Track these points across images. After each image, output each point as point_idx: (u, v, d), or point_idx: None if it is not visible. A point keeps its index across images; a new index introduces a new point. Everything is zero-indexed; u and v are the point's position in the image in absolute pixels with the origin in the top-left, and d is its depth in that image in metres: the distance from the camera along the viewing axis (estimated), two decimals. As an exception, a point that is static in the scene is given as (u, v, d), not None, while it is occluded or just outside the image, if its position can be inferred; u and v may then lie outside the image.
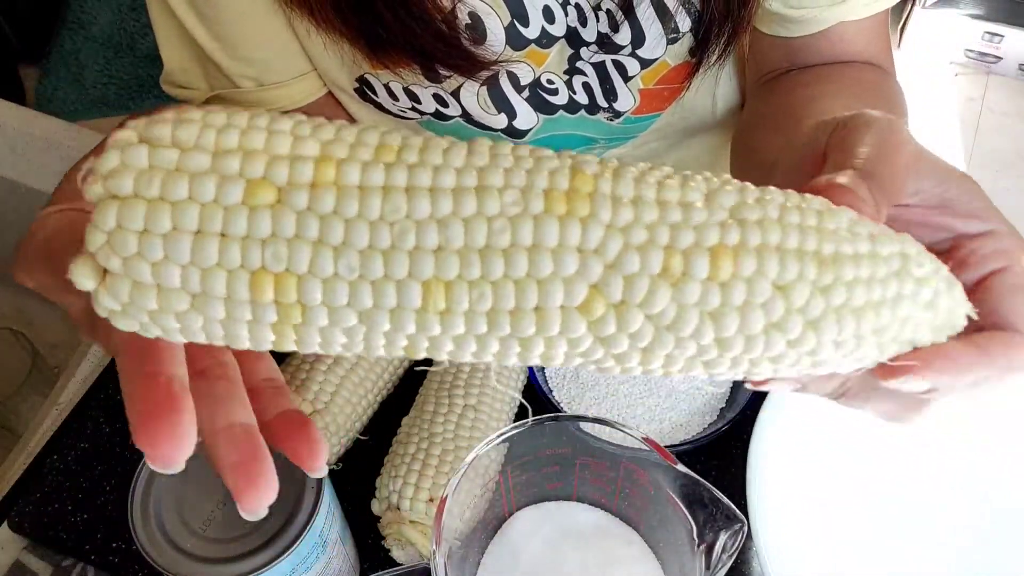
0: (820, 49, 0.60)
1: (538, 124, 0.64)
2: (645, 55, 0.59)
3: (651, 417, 0.61)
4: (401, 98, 0.60)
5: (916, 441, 0.60)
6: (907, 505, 0.59)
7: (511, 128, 0.63)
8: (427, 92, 0.60)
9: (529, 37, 0.57)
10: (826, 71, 0.60)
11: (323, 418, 0.56)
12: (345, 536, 0.52)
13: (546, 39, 0.58)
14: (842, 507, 0.58)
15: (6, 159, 0.82)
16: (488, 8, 0.55)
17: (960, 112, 2.10)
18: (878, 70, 0.61)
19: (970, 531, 0.58)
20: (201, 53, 0.58)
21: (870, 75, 0.60)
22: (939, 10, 2.11)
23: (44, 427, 0.64)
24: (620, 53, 0.59)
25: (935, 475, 0.59)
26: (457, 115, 0.62)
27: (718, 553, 0.42)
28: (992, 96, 2.14)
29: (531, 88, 0.61)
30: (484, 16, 0.55)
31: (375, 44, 0.54)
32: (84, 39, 2.17)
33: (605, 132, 0.66)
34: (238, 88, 0.60)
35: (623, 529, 0.52)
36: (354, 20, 0.52)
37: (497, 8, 0.55)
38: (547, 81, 0.61)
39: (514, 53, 0.58)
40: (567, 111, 0.63)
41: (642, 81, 0.61)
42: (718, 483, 0.45)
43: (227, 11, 0.56)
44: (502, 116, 0.62)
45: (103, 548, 0.58)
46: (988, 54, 2.14)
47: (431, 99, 0.60)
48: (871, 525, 0.58)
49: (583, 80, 0.61)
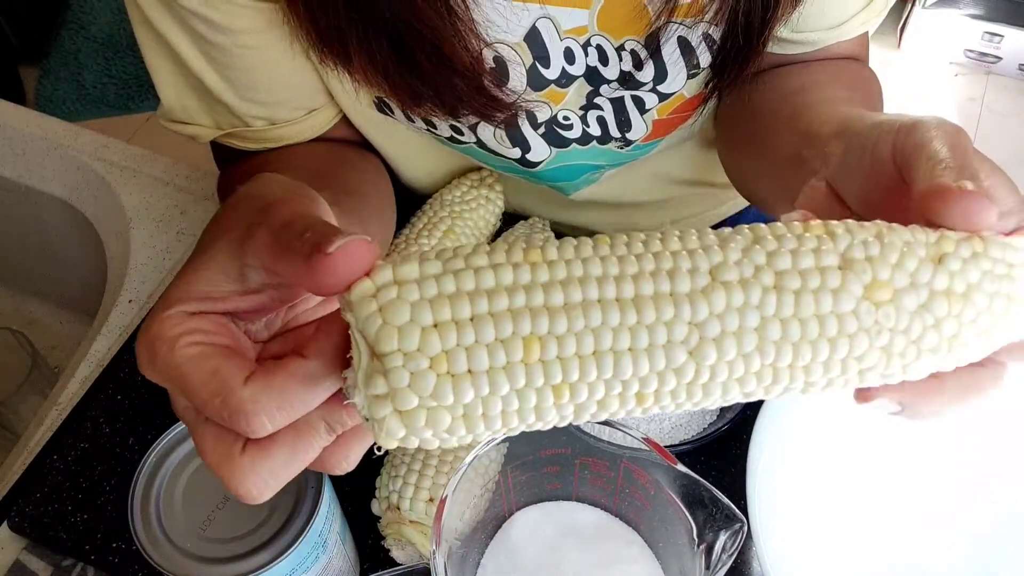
0: (810, 56, 0.62)
1: (551, 156, 0.64)
2: (665, 90, 0.59)
3: (651, 417, 0.61)
4: (417, 122, 0.61)
5: (917, 441, 0.60)
6: (907, 505, 0.59)
7: (523, 159, 0.64)
8: (444, 122, 0.60)
9: (549, 78, 0.57)
10: (813, 64, 0.62)
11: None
12: (345, 536, 0.52)
13: (565, 79, 0.58)
14: (842, 507, 0.58)
15: (6, 159, 0.82)
16: (512, 52, 0.55)
17: (960, 112, 2.10)
18: (857, 62, 0.63)
19: (971, 532, 0.58)
20: (204, 90, 0.57)
21: (850, 66, 0.62)
22: (939, 10, 2.11)
23: (44, 427, 0.64)
24: (641, 89, 0.59)
25: (936, 475, 0.59)
26: (471, 142, 0.62)
27: (718, 553, 0.42)
28: (992, 96, 2.14)
29: (547, 125, 0.61)
30: (508, 60, 0.55)
31: (413, 96, 0.54)
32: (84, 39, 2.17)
33: (613, 159, 0.67)
34: (249, 128, 0.59)
35: (623, 529, 0.52)
36: (395, 75, 0.52)
37: (520, 51, 0.55)
38: (563, 118, 0.61)
39: (534, 94, 0.58)
40: (579, 143, 0.64)
41: (657, 113, 0.61)
42: (718, 483, 0.45)
43: (243, 59, 0.55)
44: (516, 149, 0.63)
45: (103, 548, 0.58)
46: (988, 54, 2.14)
47: (447, 127, 0.61)
48: (871, 525, 0.58)
49: (598, 114, 0.62)
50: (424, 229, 0.67)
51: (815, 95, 0.56)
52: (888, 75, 2.16)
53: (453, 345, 0.26)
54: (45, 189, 0.81)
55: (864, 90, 0.60)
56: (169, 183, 0.78)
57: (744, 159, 0.63)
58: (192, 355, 0.30)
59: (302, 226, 0.29)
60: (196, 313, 0.31)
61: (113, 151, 0.80)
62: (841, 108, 0.51)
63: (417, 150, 0.69)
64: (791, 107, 0.55)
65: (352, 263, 0.27)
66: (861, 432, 0.60)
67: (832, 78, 0.60)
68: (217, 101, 0.58)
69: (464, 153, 0.66)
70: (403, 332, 0.26)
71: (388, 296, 0.27)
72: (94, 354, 0.67)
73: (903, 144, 0.33)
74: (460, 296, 0.27)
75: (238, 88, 0.57)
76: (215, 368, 0.29)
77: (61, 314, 0.92)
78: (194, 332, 0.30)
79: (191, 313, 0.31)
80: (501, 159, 0.64)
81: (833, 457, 0.59)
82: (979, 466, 0.59)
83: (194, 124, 0.60)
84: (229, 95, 0.57)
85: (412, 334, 0.26)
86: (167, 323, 0.30)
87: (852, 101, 0.54)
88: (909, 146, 0.33)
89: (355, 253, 0.27)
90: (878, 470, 0.59)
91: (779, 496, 0.55)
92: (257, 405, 0.28)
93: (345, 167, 0.63)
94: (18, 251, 0.89)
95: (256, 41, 0.54)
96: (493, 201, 0.71)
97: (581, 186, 0.71)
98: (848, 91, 0.57)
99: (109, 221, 0.78)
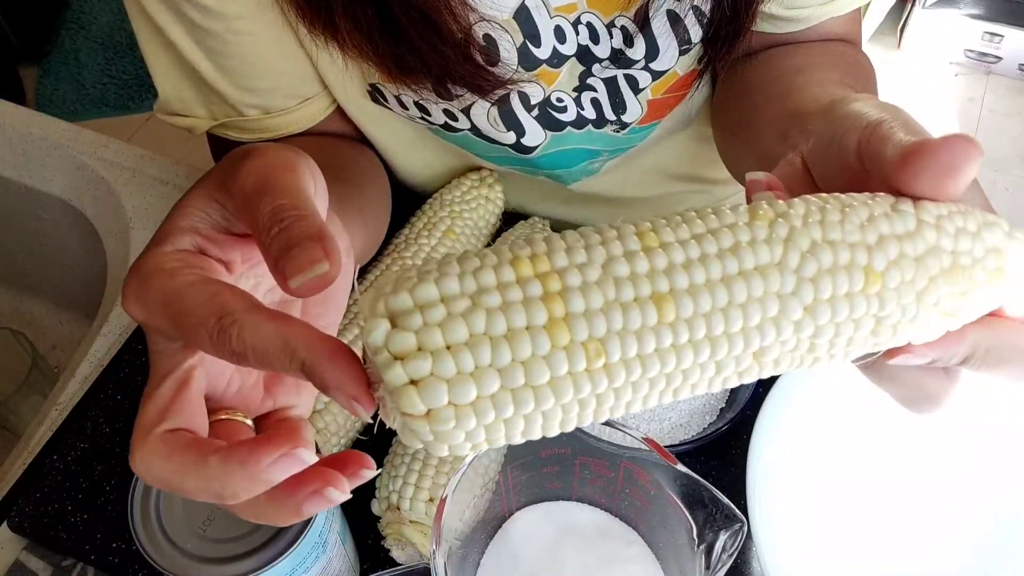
0: (802, 36, 0.61)
1: (546, 140, 0.64)
2: (657, 67, 0.59)
3: (651, 417, 0.61)
4: (411, 108, 0.60)
5: (917, 442, 0.60)
6: (907, 505, 0.59)
7: (519, 144, 0.64)
8: (437, 107, 0.60)
9: (541, 57, 0.57)
10: (806, 45, 0.61)
11: (323, 418, 0.56)
12: (345, 536, 0.52)
13: (557, 59, 0.58)
14: (842, 507, 0.58)
15: (6, 159, 0.82)
16: (502, 29, 0.55)
17: (960, 112, 2.10)
18: (851, 45, 0.63)
19: (971, 532, 0.58)
20: (199, 80, 0.58)
21: (846, 50, 0.62)
22: (939, 10, 2.11)
23: (44, 427, 0.64)
24: (633, 67, 0.59)
25: (935, 476, 0.59)
26: (466, 128, 0.62)
27: (718, 553, 0.42)
28: (992, 96, 2.14)
29: (541, 107, 0.61)
30: (498, 37, 0.55)
31: (399, 64, 0.54)
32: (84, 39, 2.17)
33: (609, 144, 0.67)
34: (243, 116, 0.60)
35: (623, 529, 0.52)
36: (381, 42, 0.52)
37: (511, 29, 0.55)
38: (556, 99, 0.61)
39: (526, 73, 0.58)
40: (574, 127, 0.64)
41: (651, 92, 0.61)
42: (718, 483, 0.45)
43: (237, 46, 0.55)
44: (511, 133, 0.63)
45: (103, 548, 0.58)
46: (988, 54, 2.14)
47: (441, 113, 0.60)
48: (871, 525, 0.58)
49: (592, 96, 0.61)
50: (424, 229, 0.67)
51: (807, 76, 0.56)
52: (888, 75, 2.16)
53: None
54: (45, 189, 0.81)
55: (857, 73, 0.60)
56: (169, 183, 0.78)
57: (738, 143, 0.63)
58: (192, 280, 0.29)
59: (272, 209, 0.29)
60: (193, 251, 0.31)
61: (113, 151, 0.80)
62: (831, 89, 0.51)
63: (411, 143, 0.69)
64: (783, 86, 0.55)
65: (313, 289, 0.27)
66: (861, 433, 0.60)
67: (824, 59, 0.60)
68: (212, 90, 0.58)
69: (459, 144, 0.66)
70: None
71: (421, 372, 0.26)
72: (94, 354, 0.67)
73: (868, 139, 0.34)
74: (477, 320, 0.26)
75: (232, 76, 0.57)
76: (216, 291, 0.29)
77: (61, 314, 0.92)
78: (193, 267, 0.30)
79: (187, 250, 0.30)
80: (496, 147, 0.64)
81: (833, 458, 0.59)
82: (979, 467, 0.59)
83: (190, 116, 0.60)
84: (223, 83, 0.57)
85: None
86: (164, 257, 0.30)
87: (843, 84, 0.54)
88: (875, 140, 0.33)
89: (314, 285, 0.27)
90: (878, 470, 0.59)
91: (779, 496, 0.55)
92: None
93: (342, 159, 0.63)
94: (18, 251, 0.89)
95: (248, 26, 0.54)
96: (493, 201, 0.71)
97: (580, 176, 0.71)
98: (841, 73, 0.57)
99: (109, 221, 0.78)
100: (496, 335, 0.26)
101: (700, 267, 0.27)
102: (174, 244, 0.31)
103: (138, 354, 0.67)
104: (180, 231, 0.31)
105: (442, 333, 0.25)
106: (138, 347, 0.67)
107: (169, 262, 0.30)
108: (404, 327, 0.25)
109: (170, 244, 0.30)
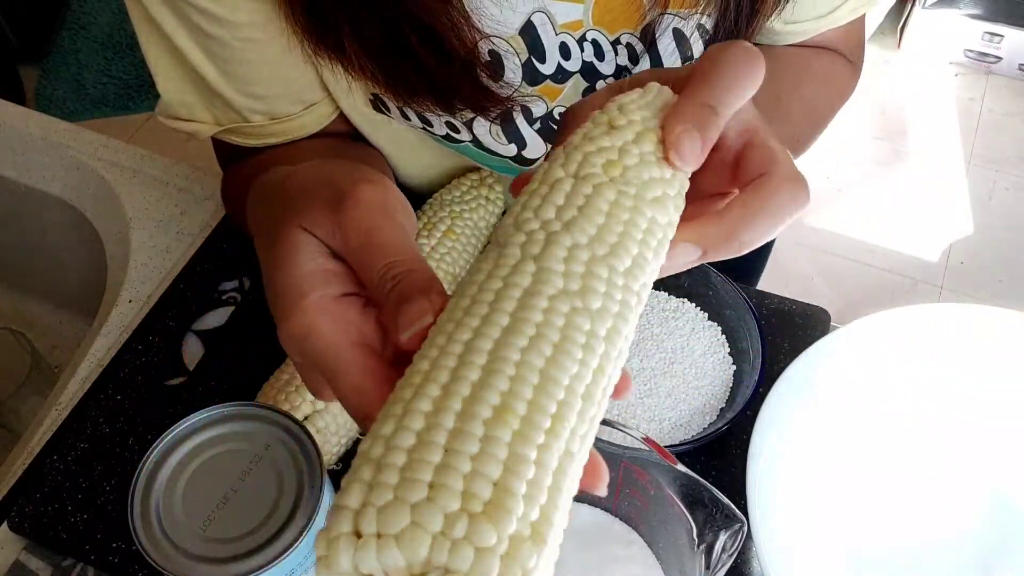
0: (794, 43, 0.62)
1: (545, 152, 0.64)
2: None
3: (651, 417, 0.61)
4: (413, 119, 0.60)
5: (916, 442, 0.60)
6: (907, 505, 0.59)
7: (519, 157, 0.64)
8: (440, 119, 0.60)
9: (545, 73, 0.57)
10: (782, 49, 0.63)
11: (323, 418, 0.56)
12: (345, 536, 0.52)
13: (561, 75, 0.58)
14: (842, 507, 0.58)
15: (6, 159, 0.82)
16: (507, 46, 0.55)
17: (960, 112, 2.10)
18: (831, 54, 0.64)
19: (971, 532, 0.58)
20: (203, 85, 0.57)
21: (823, 57, 0.63)
22: (939, 10, 2.11)
23: (44, 427, 0.64)
24: None
25: (935, 476, 0.59)
26: (468, 140, 0.62)
27: (718, 553, 0.42)
28: (992, 96, 2.14)
29: (543, 120, 0.61)
30: (503, 53, 0.55)
31: (405, 86, 0.54)
32: (84, 39, 2.17)
33: None
34: (248, 122, 0.59)
35: (623, 529, 0.52)
36: (388, 65, 0.52)
37: (516, 46, 0.55)
38: (559, 114, 0.61)
39: (529, 89, 0.58)
40: None
41: None
42: (718, 483, 0.45)
43: (243, 53, 0.55)
44: (512, 146, 0.63)
45: (103, 548, 0.58)
46: (988, 54, 2.14)
47: (443, 124, 0.61)
48: (871, 525, 0.58)
49: None
50: (424, 229, 0.67)
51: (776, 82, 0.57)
52: (888, 75, 2.16)
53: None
54: (45, 189, 0.81)
55: (823, 84, 0.62)
56: (169, 183, 0.78)
57: None
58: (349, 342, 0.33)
59: (384, 267, 0.32)
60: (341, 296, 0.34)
61: (113, 151, 0.80)
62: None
63: (412, 149, 0.69)
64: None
65: (419, 341, 0.31)
66: (861, 432, 0.60)
67: (799, 67, 0.61)
68: (216, 96, 0.58)
69: (459, 152, 0.66)
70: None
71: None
72: (94, 354, 0.67)
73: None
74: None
75: (237, 82, 0.57)
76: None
77: (61, 314, 0.92)
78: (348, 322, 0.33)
79: (335, 297, 0.34)
80: (496, 158, 0.64)
81: (833, 457, 0.59)
82: (979, 466, 0.59)
83: (193, 120, 0.60)
84: (228, 89, 0.57)
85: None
86: (319, 304, 0.33)
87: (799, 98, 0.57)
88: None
89: (420, 336, 0.31)
90: (878, 470, 0.60)
91: (779, 496, 0.55)
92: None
93: (350, 158, 0.63)
94: (18, 251, 0.89)
95: (255, 35, 0.54)
96: (493, 201, 0.71)
97: None
98: (805, 84, 0.60)
99: (109, 221, 0.78)
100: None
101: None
102: (318, 294, 0.33)
103: (138, 354, 0.67)
104: (312, 284, 0.34)
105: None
106: (138, 347, 0.67)
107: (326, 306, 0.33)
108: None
109: (311, 296, 0.33)
